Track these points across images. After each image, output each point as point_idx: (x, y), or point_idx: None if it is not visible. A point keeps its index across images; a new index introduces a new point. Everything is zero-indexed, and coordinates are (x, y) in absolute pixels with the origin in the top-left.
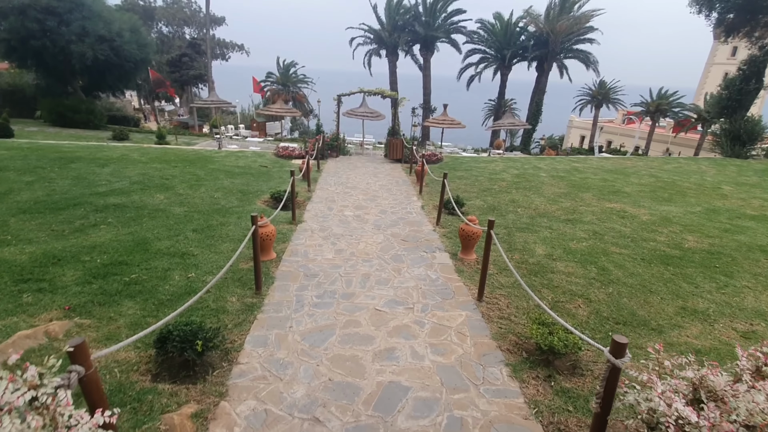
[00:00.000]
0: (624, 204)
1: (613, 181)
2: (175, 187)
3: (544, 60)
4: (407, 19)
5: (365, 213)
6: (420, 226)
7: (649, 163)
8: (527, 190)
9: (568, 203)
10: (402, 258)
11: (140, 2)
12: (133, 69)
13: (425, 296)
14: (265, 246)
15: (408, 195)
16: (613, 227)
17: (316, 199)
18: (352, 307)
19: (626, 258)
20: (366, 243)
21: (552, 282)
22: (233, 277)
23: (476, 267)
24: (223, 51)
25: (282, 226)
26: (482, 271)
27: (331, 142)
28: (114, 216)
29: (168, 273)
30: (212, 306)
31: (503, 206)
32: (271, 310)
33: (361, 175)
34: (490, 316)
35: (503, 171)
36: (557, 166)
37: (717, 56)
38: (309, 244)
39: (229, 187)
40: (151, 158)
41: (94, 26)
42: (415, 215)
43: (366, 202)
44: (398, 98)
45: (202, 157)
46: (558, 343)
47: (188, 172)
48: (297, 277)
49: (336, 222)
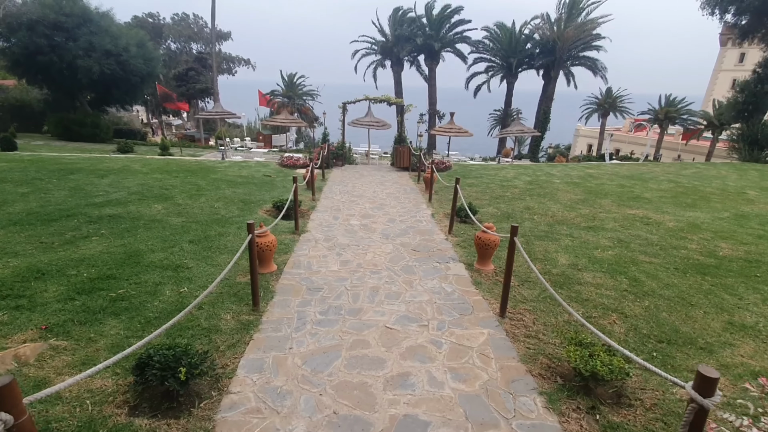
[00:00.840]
0: (646, 210)
1: (631, 187)
2: (175, 197)
3: (550, 68)
4: (411, 30)
5: (372, 222)
6: (431, 234)
7: (666, 168)
8: (542, 196)
9: (586, 210)
10: (413, 269)
11: (149, 20)
12: (139, 83)
13: (441, 312)
14: (264, 257)
15: (417, 203)
16: (638, 234)
17: (320, 208)
18: (359, 324)
19: (658, 267)
20: (374, 253)
21: (580, 295)
22: (229, 292)
23: (495, 279)
24: (229, 65)
25: (284, 236)
26: (504, 283)
27: (336, 151)
28: (108, 227)
29: (159, 288)
30: (204, 325)
31: (518, 213)
32: (269, 328)
33: (367, 184)
34: (515, 334)
35: (515, 178)
36: (571, 173)
37: (724, 63)
38: (313, 255)
39: (231, 197)
40: (152, 169)
41: (101, 41)
42: (426, 223)
43: (373, 211)
44: (404, 105)
45: (204, 167)
46: (602, 368)
47: (189, 182)
48: (299, 292)
49: (342, 231)
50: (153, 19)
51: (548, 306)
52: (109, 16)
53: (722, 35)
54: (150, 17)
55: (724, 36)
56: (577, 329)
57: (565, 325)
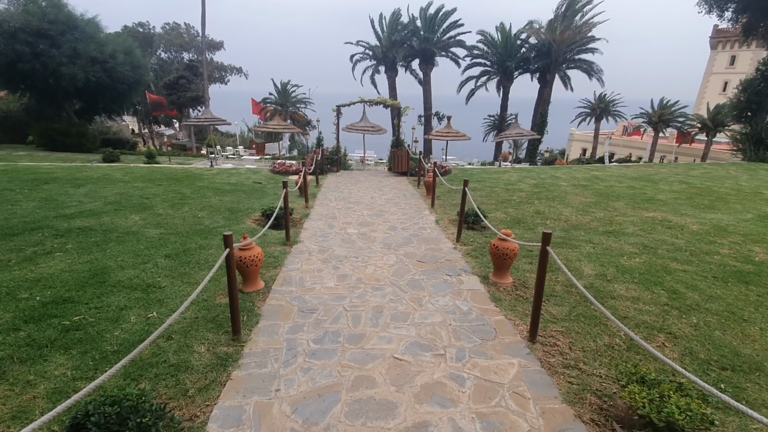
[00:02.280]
0: (664, 212)
1: (642, 188)
2: (155, 207)
3: (546, 71)
4: (405, 34)
5: (372, 230)
6: (437, 243)
7: (673, 169)
8: (550, 200)
9: (601, 213)
10: (421, 284)
11: (140, 29)
12: (127, 91)
13: (458, 336)
14: (249, 274)
15: (419, 209)
16: (662, 239)
17: (314, 216)
18: (362, 355)
19: (695, 276)
20: (375, 266)
21: (617, 311)
22: (206, 316)
23: (516, 294)
24: (221, 74)
25: (273, 247)
26: (535, 301)
27: (331, 156)
28: (75, 241)
29: (123, 313)
30: (171, 360)
31: (529, 218)
32: (252, 363)
33: (364, 189)
34: (551, 364)
35: (519, 181)
36: (576, 175)
37: (715, 66)
38: (306, 269)
39: (217, 206)
40: (134, 177)
41: (86, 48)
42: (430, 231)
43: (372, 218)
44: (401, 107)
45: (190, 175)
46: (680, 417)
47: (172, 191)
48: (289, 314)
49: (338, 242)
50: (143, 28)
51: (583, 326)
52: (95, 23)
53: (712, 38)
54: (140, 27)
55: (714, 39)
56: (629, 357)
57: (607, 350)
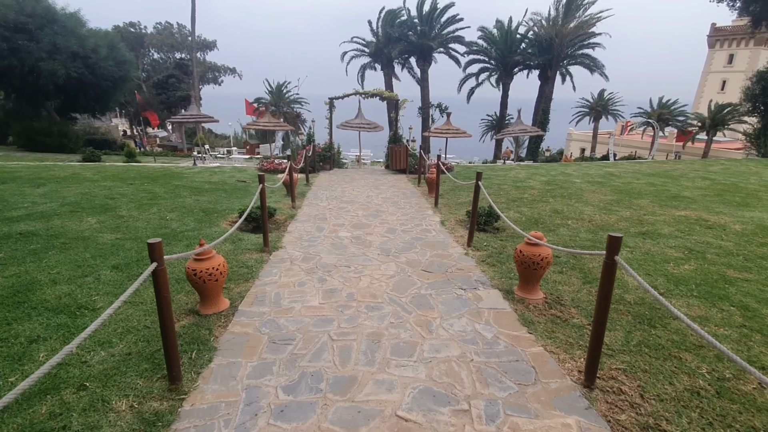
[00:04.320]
0: (696, 211)
1: (663, 185)
2: (118, 208)
3: (547, 67)
4: (402, 30)
5: (367, 233)
6: (445, 248)
7: (690, 165)
8: (566, 198)
9: (626, 212)
10: (429, 301)
11: (131, 29)
12: (111, 88)
13: (485, 379)
14: (207, 291)
15: (420, 208)
16: (706, 241)
17: (302, 217)
18: (351, 413)
19: (763, 288)
20: (371, 278)
21: (685, 338)
22: (143, 352)
23: (550, 313)
24: (215, 75)
25: (248, 255)
26: (595, 332)
27: (323, 153)
28: (10, 249)
29: (33, 347)
30: (75, 426)
31: (547, 218)
32: (190, 430)
33: (359, 188)
34: (622, 425)
35: (528, 178)
36: (589, 172)
37: (713, 64)
38: (285, 282)
39: (191, 206)
40: (105, 176)
41: (66, 42)
42: (435, 233)
43: (367, 219)
44: (399, 100)
45: (169, 173)
46: None
47: (144, 190)
48: (256, 347)
49: (327, 247)
50: (135, 28)
51: (650, 361)
52: (77, 17)
53: (710, 37)
54: (132, 27)
55: (712, 38)
56: (724, 408)
57: (692, 397)
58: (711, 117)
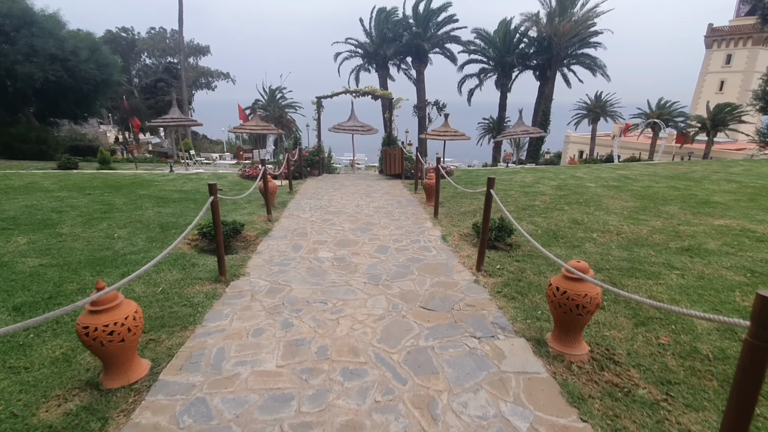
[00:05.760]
0: (736, 219)
1: (686, 188)
2: (61, 224)
3: (547, 67)
4: (397, 30)
5: (353, 253)
6: (449, 273)
7: (708, 166)
8: (583, 204)
9: (656, 222)
10: (431, 360)
11: (123, 34)
12: (93, 92)
13: None
14: (110, 355)
15: (418, 219)
16: (765, 259)
17: (277, 233)
18: None
19: None
20: (353, 320)
21: None
22: None
23: (603, 380)
24: (208, 80)
25: (197, 288)
26: None
27: (311, 157)
28: None
29: None
30: None
31: (567, 230)
32: None
33: (349, 195)
34: None
35: (536, 183)
36: (601, 175)
37: (711, 65)
38: (236, 329)
39: (148, 221)
40: (65, 185)
41: (43, 44)
42: (436, 252)
43: (355, 234)
44: (393, 99)
45: (138, 181)
46: None
47: (101, 201)
48: None
49: (302, 273)
50: (127, 33)
51: None
52: (56, 18)
53: (707, 38)
54: (124, 32)
55: (709, 38)
56: None
57: None
58: (711, 117)
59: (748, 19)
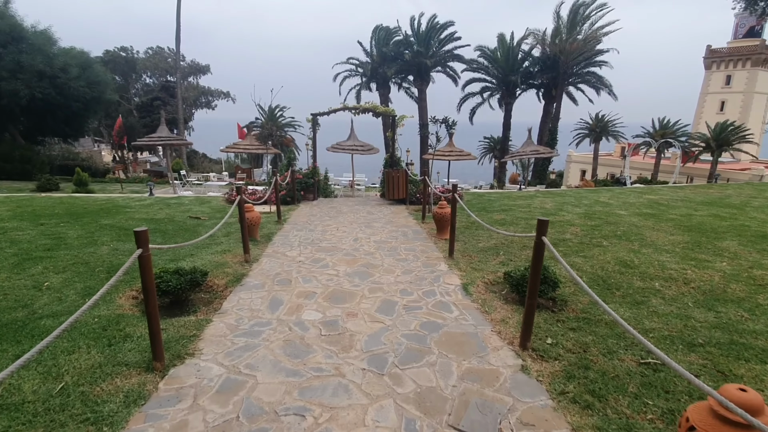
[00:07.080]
0: None
1: (732, 217)
2: None
3: (552, 86)
4: (398, 49)
5: (349, 314)
6: (482, 351)
7: (740, 190)
8: (624, 239)
9: (722, 264)
10: None
11: (122, 54)
12: (82, 110)
13: None
14: None
15: (429, 260)
16: None
17: (253, 280)
18: None
19: None
20: None
21: None
22: None
23: None
24: (208, 99)
25: (116, 381)
26: None
27: (305, 180)
28: None
29: None
30: None
31: (617, 277)
32: None
33: (346, 225)
34: None
35: (559, 210)
36: (628, 200)
37: (710, 86)
38: None
39: (97, 262)
40: (20, 213)
41: (31, 60)
42: (459, 312)
43: (352, 282)
44: (396, 116)
45: (107, 207)
46: None
47: (50, 234)
48: None
49: (276, 351)
50: (126, 53)
51: None
52: (46, 35)
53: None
54: (123, 51)
55: (708, 60)
56: None
57: None
58: (714, 137)
59: (746, 40)
